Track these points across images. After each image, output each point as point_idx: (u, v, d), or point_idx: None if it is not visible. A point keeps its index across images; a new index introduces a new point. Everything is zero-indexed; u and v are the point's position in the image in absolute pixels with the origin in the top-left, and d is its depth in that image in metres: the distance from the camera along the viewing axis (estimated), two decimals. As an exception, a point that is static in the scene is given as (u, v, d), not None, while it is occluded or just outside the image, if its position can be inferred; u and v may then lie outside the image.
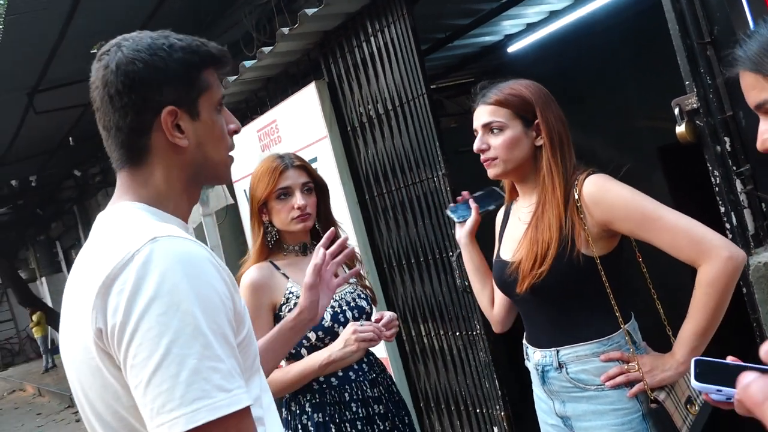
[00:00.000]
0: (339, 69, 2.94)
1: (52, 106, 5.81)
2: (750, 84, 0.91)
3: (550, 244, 1.52)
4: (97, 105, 1.00)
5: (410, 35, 2.54)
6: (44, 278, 16.20)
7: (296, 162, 1.98)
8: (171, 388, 0.81)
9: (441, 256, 2.68)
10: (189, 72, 1.00)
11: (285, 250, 1.98)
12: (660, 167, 4.32)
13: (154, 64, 0.97)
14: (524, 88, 1.61)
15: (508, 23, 3.89)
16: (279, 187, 1.91)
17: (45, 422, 8.98)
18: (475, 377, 2.68)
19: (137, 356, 0.83)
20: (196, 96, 1.00)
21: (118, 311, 0.85)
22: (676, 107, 1.73)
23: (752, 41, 0.90)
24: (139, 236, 0.89)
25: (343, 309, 1.92)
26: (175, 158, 1.00)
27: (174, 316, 0.83)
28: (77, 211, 11.25)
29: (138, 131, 0.98)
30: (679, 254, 1.44)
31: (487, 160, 1.62)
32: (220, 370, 0.84)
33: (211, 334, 0.85)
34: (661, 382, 1.49)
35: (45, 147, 7.74)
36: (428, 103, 2.55)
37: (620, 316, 1.53)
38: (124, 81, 0.97)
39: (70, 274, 1.03)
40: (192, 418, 0.81)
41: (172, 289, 0.84)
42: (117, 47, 0.99)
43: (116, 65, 0.97)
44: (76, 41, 4.63)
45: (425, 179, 2.65)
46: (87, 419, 0.99)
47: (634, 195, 1.49)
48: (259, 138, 3.44)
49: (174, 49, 0.99)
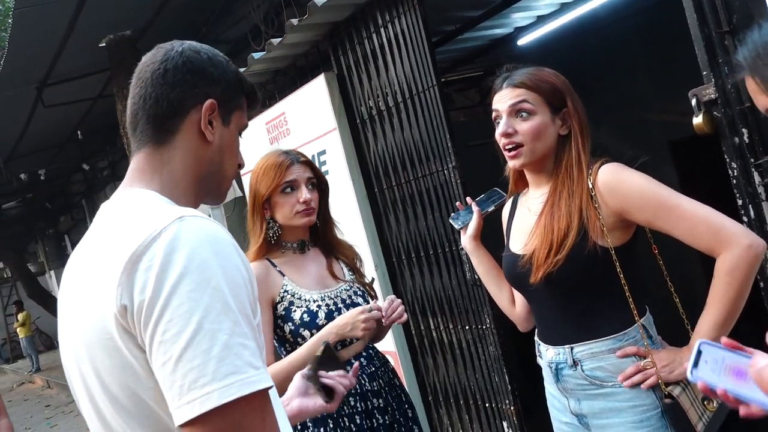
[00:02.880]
0: (348, 60, 2.92)
1: (60, 100, 5.83)
2: (753, 89, 0.91)
3: (567, 233, 1.48)
4: (144, 77, 1.04)
5: (421, 26, 2.51)
6: (53, 271, 16.30)
7: (301, 158, 1.99)
8: (203, 363, 0.81)
9: (451, 250, 2.67)
10: (238, 84, 1.09)
11: (283, 247, 1.98)
12: (671, 160, 4.28)
13: (214, 63, 1.06)
14: (553, 75, 1.57)
15: (518, 15, 3.85)
16: (285, 180, 1.91)
17: (54, 414, 9.06)
18: (484, 371, 2.66)
19: (167, 332, 0.83)
20: (234, 107, 1.08)
21: (146, 288, 0.84)
22: (693, 98, 1.69)
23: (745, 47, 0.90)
24: (166, 215, 0.90)
25: (339, 307, 1.91)
26: (197, 149, 1.04)
27: (204, 292, 0.83)
28: (86, 204, 11.30)
29: (176, 109, 1.02)
30: (698, 243, 1.40)
31: (512, 146, 1.55)
32: (249, 347, 0.85)
33: (238, 312, 0.86)
34: (678, 377, 1.46)
35: (54, 141, 7.77)
36: (438, 95, 2.52)
37: (635, 310, 1.50)
38: (185, 62, 1.03)
39: (71, 262, 1.02)
40: (224, 393, 0.81)
41: (201, 266, 0.85)
42: (181, 43, 1.07)
43: (182, 50, 1.04)
44: (85, 35, 4.63)
45: (435, 172, 2.63)
46: (94, 404, 0.96)
47: (651, 183, 1.45)
48: (267, 131, 3.43)
49: (229, 63, 1.10)
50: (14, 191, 10.25)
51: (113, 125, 5.61)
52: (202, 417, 0.81)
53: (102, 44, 4.72)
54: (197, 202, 1.08)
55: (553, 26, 3.94)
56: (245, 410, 0.82)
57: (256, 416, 0.84)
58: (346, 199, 2.96)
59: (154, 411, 0.89)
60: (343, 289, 1.97)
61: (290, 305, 1.90)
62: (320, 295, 1.93)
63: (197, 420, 0.81)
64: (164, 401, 0.85)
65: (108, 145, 8.32)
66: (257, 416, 0.84)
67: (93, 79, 5.63)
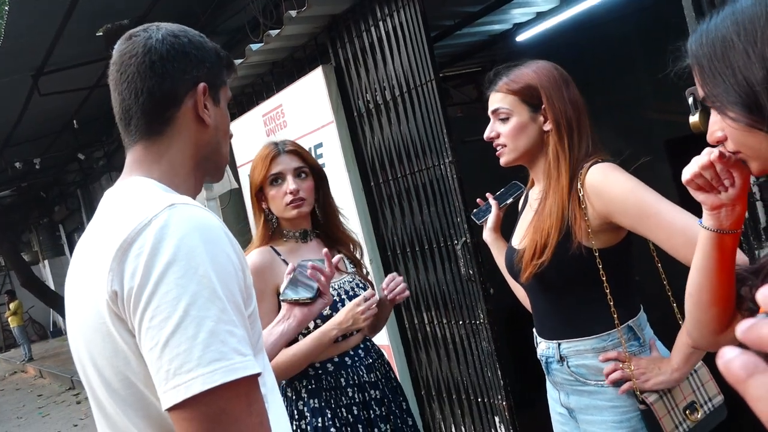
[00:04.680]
0: (346, 53, 2.91)
1: (57, 89, 5.80)
2: (696, 78, 0.90)
3: (550, 233, 1.48)
4: (130, 71, 1.02)
5: (419, 20, 2.51)
6: (47, 261, 16.25)
7: (288, 147, 1.96)
8: (189, 349, 0.82)
9: (446, 244, 2.67)
10: (219, 60, 1.08)
11: (285, 236, 1.98)
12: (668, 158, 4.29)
13: (195, 44, 1.05)
14: (532, 72, 1.57)
15: (517, 11, 3.84)
16: (271, 173, 1.92)
17: (46, 403, 9.04)
18: (477, 366, 2.67)
19: (154, 318, 0.84)
20: (221, 84, 1.08)
21: (136, 274, 0.85)
22: (690, 96, 1.69)
23: (693, 35, 0.89)
24: (157, 203, 0.91)
25: (342, 298, 1.91)
26: (196, 135, 1.04)
27: (192, 280, 0.84)
28: (81, 194, 11.26)
29: (170, 99, 1.02)
30: (675, 253, 1.35)
31: (497, 147, 1.62)
32: (236, 334, 0.85)
33: (226, 299, 0.86)
34: (655, 386, 1.46)
35: (49, 129, 7.73)
36: (436, 90, 2.52)
37: (618, 312, 1.49)
38: (169, 50, 1.02)
39: (77, 248, 1.03)
40: (209, 379, 0.81)
41: (189, 253, 0.85)
42: (156, 28, 1.04)
43: (162, 36, 1.02)
44: (82, 24, 4.60)
45: (431, 166, 2.63)
46: (91, 389, 0.98)
47: (636, 187, 1.40)
48: (264, 123, 3.42)
49: (205, 39, 1.08)
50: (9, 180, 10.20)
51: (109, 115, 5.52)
52: (187, 402, 0.82)
53: (99, 33, 4.69)
54: (198, 186, 1.09)
55: (551, 23, 3.93)
56: (230, 396, 0.83)
57: (242, 402, 0.84)
58: (342, 193, 2.96)
59: (145, 395, 0.90)
60: (346, 281, 1.96)
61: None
62: None
63: (182, 405, 0.82)
64: (154, 386, 0.86)
65: (104, 135, 8.28)
66: (242, 402, 0.84)
67: (90, 68, 5.59)
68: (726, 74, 0.81)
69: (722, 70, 0.82)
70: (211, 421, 0.82)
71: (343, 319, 1.81)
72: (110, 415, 0.95)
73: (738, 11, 0.83)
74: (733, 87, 0.81)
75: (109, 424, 0.97)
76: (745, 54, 0.79)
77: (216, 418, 0.82)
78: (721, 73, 0.82)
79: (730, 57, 0.81)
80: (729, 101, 0.82)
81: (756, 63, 0.78)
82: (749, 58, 0.79)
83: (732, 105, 0.81)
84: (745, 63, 0.79)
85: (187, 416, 0.82)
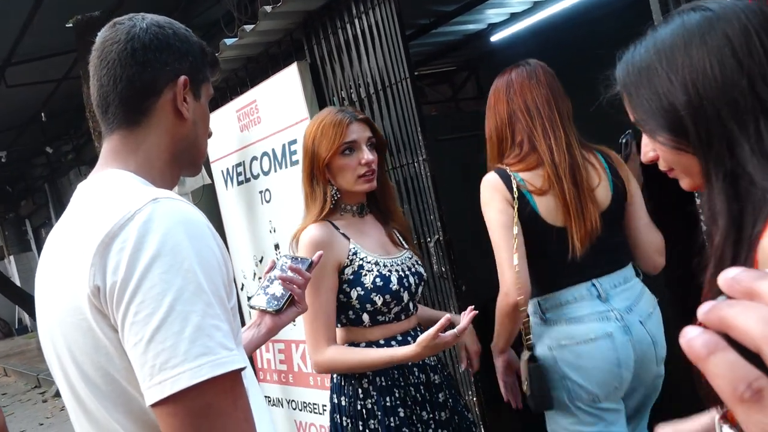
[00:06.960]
0: (322, 50, 2.91)
1: (24, 80, 5.68)
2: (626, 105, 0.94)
3: None
4: (111, 57, 1.01)
5: (395, 18, 2.52)
6: (12, 257, 15.87)
7: (359, 116, 1.86)
8: (175, 345, 0.81)
9: (418, 242, 2.68)
10: (203, 56, 1.08)
11: (342, 210, 1.87)
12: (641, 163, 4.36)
13: (179, 36, 1.04)
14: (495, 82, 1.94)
15: (492, 11, 3.88)
16: (345, 141, 1.79)
17: (10, 402, 8.84)
18: (448, 363, 2.69)
19: (138, 314, 0.82)
20: (202, 79, 1.08)
21: (119, 269, 0.84)
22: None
23: (620, 64, 0.95)
24: (140, 197, 0.89)
25: (406, 274, 1.85)
26: (173, 127, 1.03)
27: (177, 274, 0.83)
28: (48, 189, 11.03)
29: (150, 89, 1.01)
30: None
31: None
32: (222, 329, 0.85)
33: (211, 294, 0.85)
34: None
35: (16, 122, 7.55)
36: (411, 88, 2.53)
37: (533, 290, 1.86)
38: (152, 39, 1.01)
39: (49, 243, 1.01)
40: (196, 374, 0.81)
41: (174, 248, 0.84)
42: (141, 17, 1.04)
43: (147, 26, 1.02)
44: (52, 14, 4.51)
45: (406, 164, 2.64)
46: (70, 385, 0.96)
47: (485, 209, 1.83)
48: (238, 118, 3.40)
49: (191, 33, 1.07)
50: (-27, 173, 9.96)
51: (79, 108, 5.48)
52: (172, 397, 0.81)
53: (69, 24, 4.60)
54: (174, 180, 1.07)
55: (525, 24, 3.98)
56: (216, 391, 0.83)
57: (228, 397, 0.84)
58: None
59: (127, 391, 0.89)
60: (407, 257, 1.90)
61: (359, 269, 1.79)
62: (389, 260, 1.84)
63: (168, 400, 0.81)
64: (137, 381, 0.85)
65: (72, 129, 8.13)
66: (228, 397, 0.84)
67: (59, 59, 5.48)
68: (652, 100, 0.85)
69: (648, 96, 0.86)
70: (196, 416, 0.81)
71: (433, 345, 1.64)
72: (91, 411, 0.94)
73: (659, 41, 0.87)
74: (659, 112, 0.84)
75: (89, 420, 0.95)
76: (668, 80, 0.83)
77: (202, 412, 0.82)
78: (647, 99, 0.86)
79: (655, 83, 0.85)
80: (657, 125, 0.86)
81: (678, 88, 0.82)
82: (672, 84, 0.83)
83: (660, 129, 0.85)
84: (668, 89, 0.83)
85: (173, 411, 0.81)
